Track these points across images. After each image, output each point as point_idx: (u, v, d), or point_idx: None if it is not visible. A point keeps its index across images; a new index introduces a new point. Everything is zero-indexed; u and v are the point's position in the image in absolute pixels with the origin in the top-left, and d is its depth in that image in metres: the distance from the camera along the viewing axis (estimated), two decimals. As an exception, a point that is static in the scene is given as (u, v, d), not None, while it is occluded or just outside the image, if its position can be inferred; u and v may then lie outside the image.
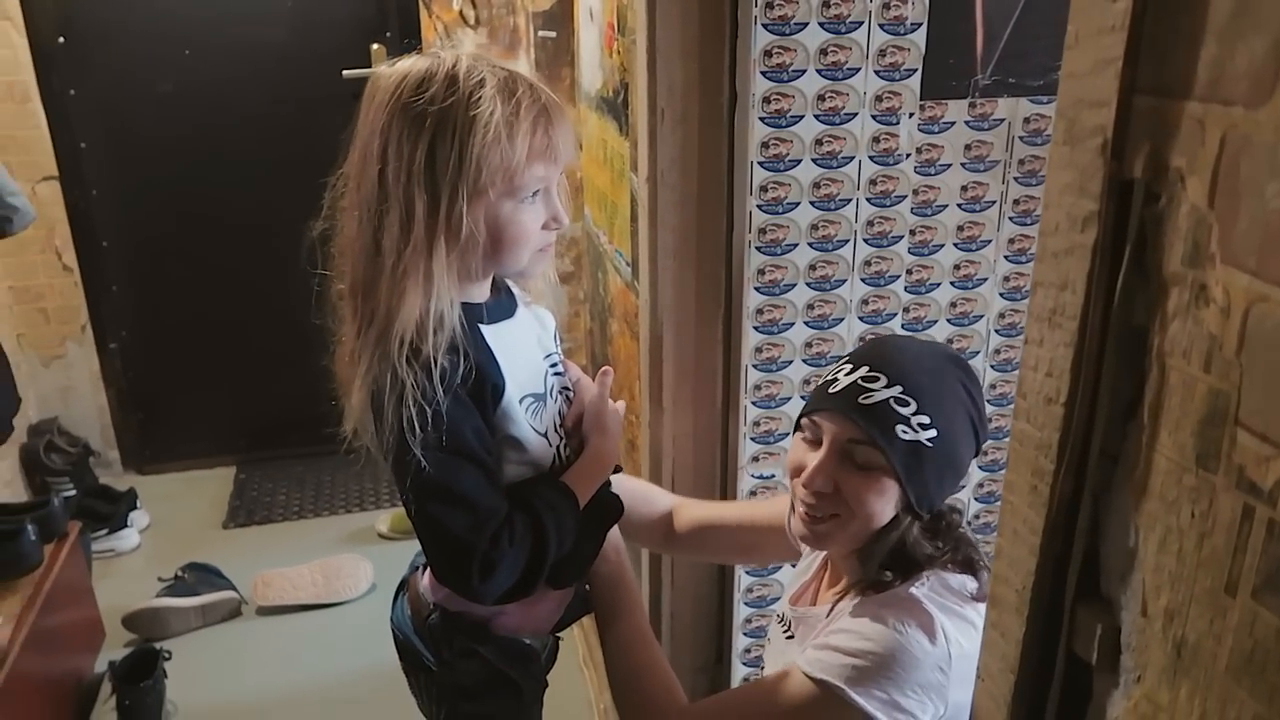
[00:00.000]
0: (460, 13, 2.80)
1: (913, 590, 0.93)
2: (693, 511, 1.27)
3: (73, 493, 2.81)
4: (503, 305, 1.05)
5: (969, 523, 1.61)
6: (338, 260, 1.00)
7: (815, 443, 0.97)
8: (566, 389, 1.10)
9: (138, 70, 2.85)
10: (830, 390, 0.96)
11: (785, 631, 1.12)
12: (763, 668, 1.20)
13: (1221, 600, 0.45)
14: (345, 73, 2.83)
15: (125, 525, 2.81)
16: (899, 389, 0.91)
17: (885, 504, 0.93)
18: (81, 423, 3.07)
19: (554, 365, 1.09)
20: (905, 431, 0.90)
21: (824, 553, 1.10)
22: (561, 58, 2.52)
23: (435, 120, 0.89)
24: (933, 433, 0.90)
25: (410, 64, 0.93)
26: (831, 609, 1.00)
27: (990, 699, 0.62)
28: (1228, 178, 0.42)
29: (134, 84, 2.86)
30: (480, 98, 0.89)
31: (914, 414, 0.90)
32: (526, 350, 1.05)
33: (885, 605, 0.93)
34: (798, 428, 1.02)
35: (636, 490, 1.29)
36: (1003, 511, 0.60)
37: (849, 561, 1.01)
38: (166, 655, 2.17)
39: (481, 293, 1.02)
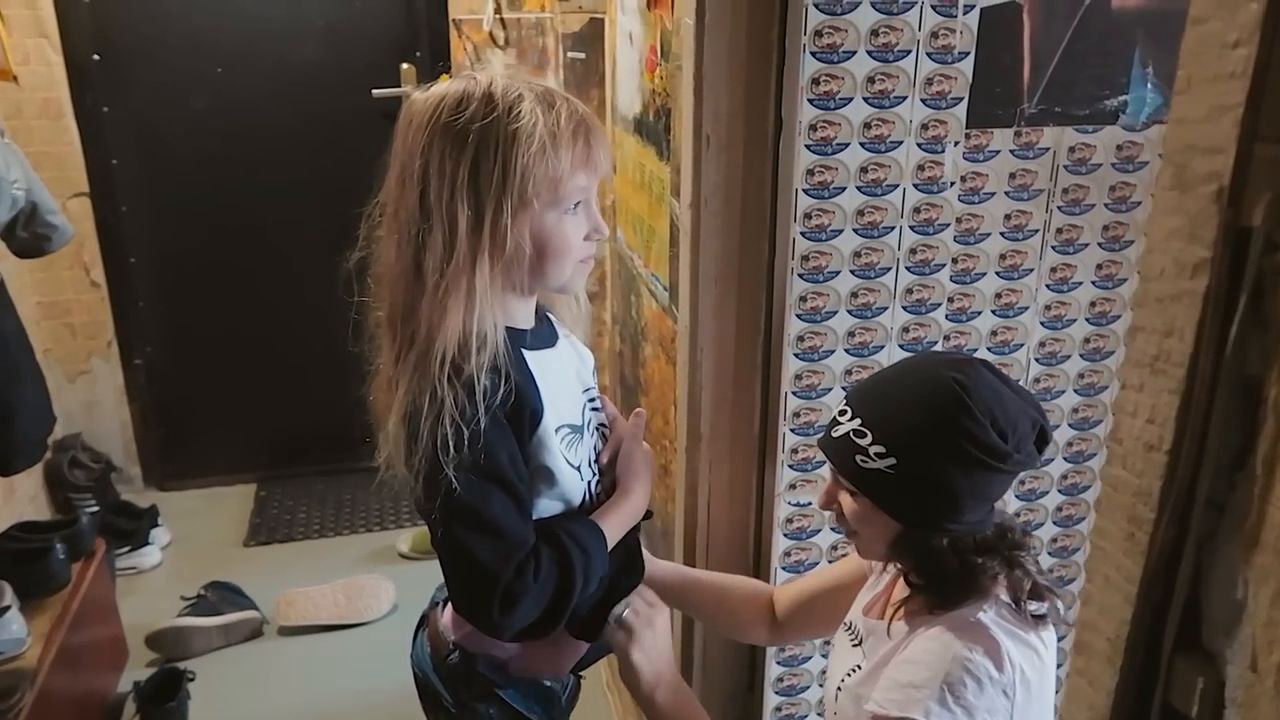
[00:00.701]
0: (490, 33, 2.82)
1: (980, 616, 0.94)
2: (789, 593, 1.32)
3: (95, 509, 2.81)
4: (545, 334, 1.05)
5: (1048, 545, 1.60)
6: (376, 288, 1.00)
7: None
8: (603, 426, 1.10)
9: (171, 87, 2.88)
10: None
11: (853, 639, 1.13)
12: (825, 674, 1.20)
13: (1343, 659, 0.44)
14: (375, 92, 2.85)
15: (147, 542, 2.82)
16: (858, 422, 0.97)
17: (876, 524, 0.99)
18: (104, 438, 3.08)
19: (592, 400, 1.09)
20: (865, 460, 0.96)
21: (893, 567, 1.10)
22: (590, 79, 2.53)
23: (478, 137, 0.89)
24: (890, 460, 0.95)
25: (445, 87, 0.94)
26: (890, 621, 1.04)
27: (1076, 749, 0.61)
28: (1359, 229, 0.41)
29: (167, 101, 2.89)
30: (520, 111, 0.90)
31: (870, 444, 0.95)
32: (566, 381, 1.05)
33: (952, 630, 0.94)
34: None
35: (747, 584, 1.37)
36: (1092, 557, 0.59)
37: (900, 580, 1.04)
38: (191, 676, 2.16)
39: (526, 318, 1.02)
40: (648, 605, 1.09)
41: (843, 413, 1.00)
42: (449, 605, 1.09)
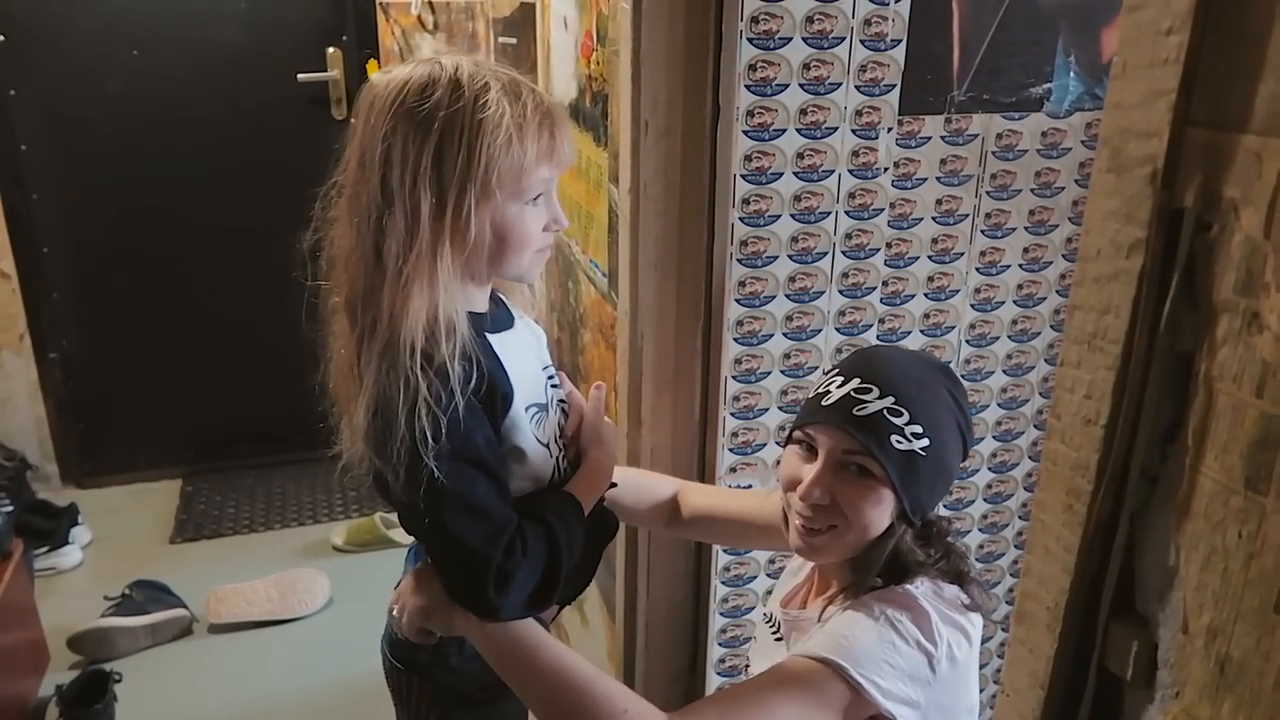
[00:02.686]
0: (419, 18, 2.77)
1: (909, 588, 0.95)
2: (698, 500, 1.29)
3: (10, 509, 2.68)
4: (502, 316, 1.05)
5: (979, 521, 1.65)
6: (331, 272, 0.98)
7: (810, 455, 0.98)
8: (563, 401, 1.10)
9: (83, 70, 2.75)
10: (823, 403, 0.96)
11: (774, 633, 1.13)
12: (747, 669, 1.21)
13: (1270, 619, 0.46)
14: (300, 76, 2.77)
15: (67, 542, 2.71)
16: (891, 400, 0.93)
17: (881, 513, 0.94)
18: (17, 435, 2.95)
19: (551, 378, 1.09)
20: (900, 441, 0.92)
21: None
22: (522, 65, 2.50)
23: (443, 124, 0.88)
24: (925, 441, 0.92)
25: (409, 71, 0.92)
26: (822, 613, 1.01)
27: (1017, 714, 0.63)
28: (1285, 210, 0.43)
29: (79, 84, 2.76)
30: (487, 101, 0.89)
31: (907, 424, 0.92)
32: (528, 360, 1.05)
33: (882, 600, 0.94)
34: (790, 440, 1.02)
35: (641, 479, 1.32)
36: (1033, 530, 0.61)
37: (841, 568, 1.02)
38: (117, 677, 2.09)
39: (482, 301, 1.02)
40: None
41: (864, 390, 0.94)
42: None
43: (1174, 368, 0.50)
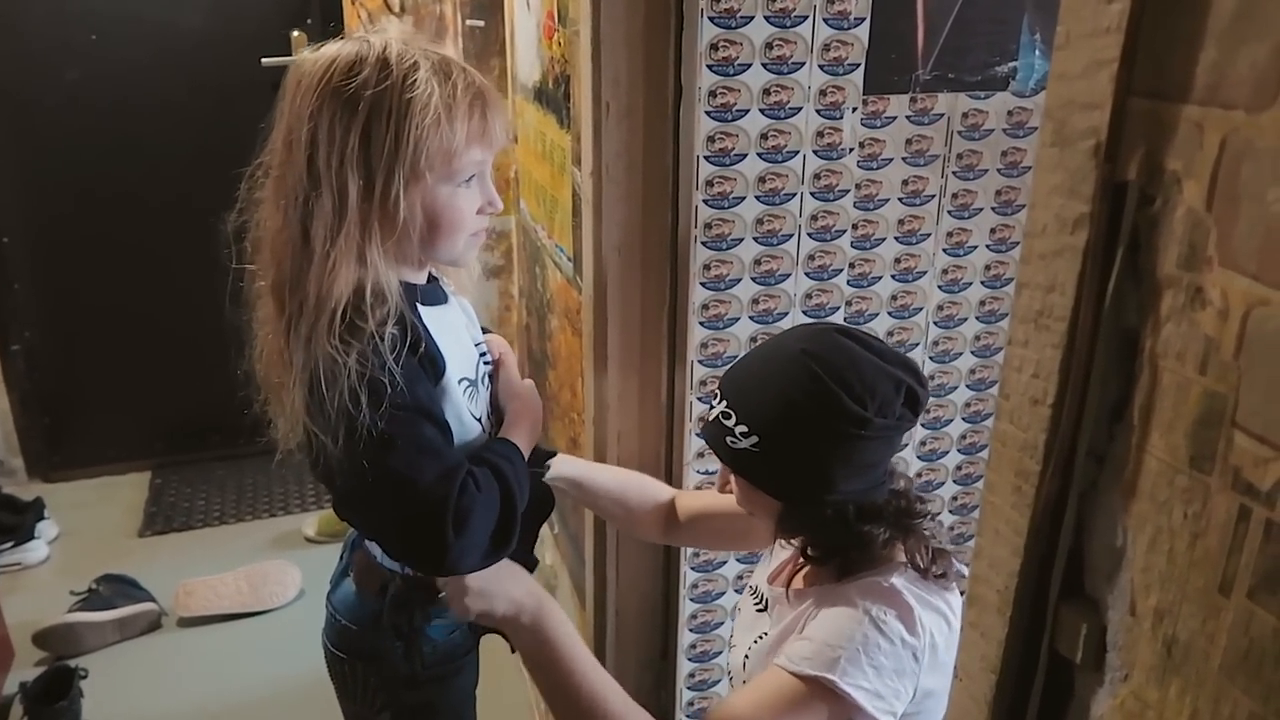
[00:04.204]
0: (385, 0, 2.73)
1: (892, 580, 0.96)
2: (692, 502, 1.34)
3: (-27, 504, 2.66)
4: (436, 291, 1.04)
5: (949, 504, 1.64)
6: (257, 255, 0.96)
7: None
8: (492, 378, 1.10)
9: (39, 55, 2.70)
10: None
11: (757, 604, 1.14)
12: (731, 641, 1.21)
13: (1215, 600, 0.45)
14: (264, 60, 2.73)
15: (32, 536, 2.68)
16: (724, 404, 0.99)
17: (758, 501, 1.01)
18: (-19, 429, 2.91)
19: (483, 355, 1.09)
20: (734, 441, 0.98)
21: None
22: (491, 47, 2.47)
23: (369, 104, 0.87)
24: (754, 439, 0.96)
25: (337, 49, 0.90)
26: (789, 587, 1.06)
27: (970, 698, 0.62)
28: (1227, 181, 0.42)
29: (35, 70, 2.71)
30: (415, 80, 0.88)
31: (735, 424, 0.97)
32: (460, 336, 1.05)
33: (865, 595, 0.95)
34: None
35: (645, 480, 1.37)
36: (983, 512, 0.60)
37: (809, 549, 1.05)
38: (83, 673, 2.07)
39: (418, 278, 1.00)
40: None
41: (715, 396, 1.02)
42: (370, 543, 1.08)
43: (1120, 345, 0.49)
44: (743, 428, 0.96)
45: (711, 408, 1.02)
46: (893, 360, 0.96)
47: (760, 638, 1.08)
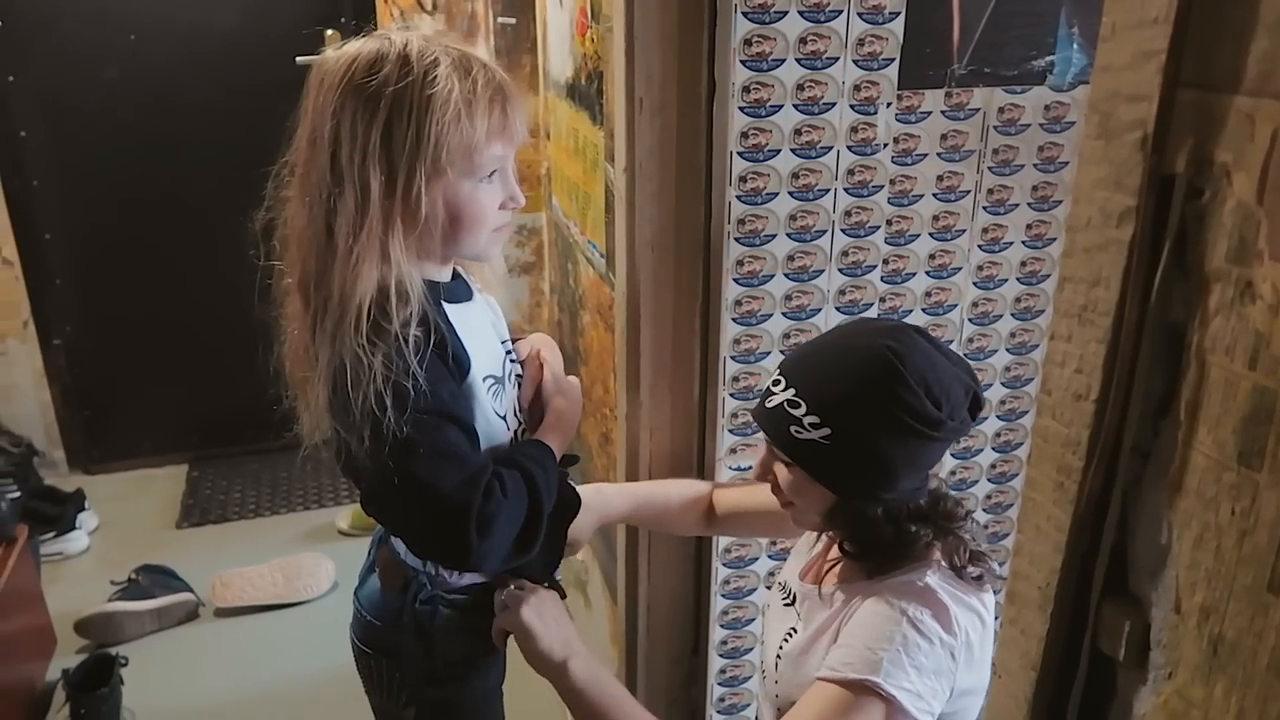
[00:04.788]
0: (417, -2, 2.75)
1: (927, 580, 0.95)
2: (730, 496, 1.36)
3: (16, 494, 2.70)
4: (461, 288, 1.04)
5: (983, 501, 1.63)
6: (284, 252, 0.97)
7: None
8: (519, 377, 1.11)
9: (80, 56, 2.75)
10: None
11: (785, 599, 1.14)
12: (762, 637, 1.22)
13: (1263, 598, 0.45)
14: (298, 59, 2.75)
15: (73, 527, 2.73)
16: (792, 392, 0.96)
17: (810, 493, 0.98)
18: (24, 421, 2.97)
19: (509, 352, 1.09)
20: (800, 432, 0.95)
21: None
22: (522, 45, 2.48)
23: (391, 100, 0.87)
24: (825, 430, 0.94)
25: (359, 46, 0.91)
26: (821, 584, 1.05)
27: (1009, 696, 0.62)
28: (1279, 173, 0.41)
29: (76, 70, 2.76)
30: (436, 76, 0.88)
31: (804, 415, 0.94)
32: (485, 333, 1.05)
33: (900, 595, 0.94)
34: None
35: (681, 480, 1.40)
36: (1024, 508, 0.59)
37: (834, 545, 1.05)
38: (123, 661, 2.10)
39: (442, 275, 1.01)
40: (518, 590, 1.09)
41: (776, 383, 0.99)
42: (395, 539, 1.09)
43: (1166, 340, 0.48)
44: (813, 419, 0.94)
45: (770, 393, 0.98)
46: (960, 364, 0.97)
47: (790, 634, 1.08)
